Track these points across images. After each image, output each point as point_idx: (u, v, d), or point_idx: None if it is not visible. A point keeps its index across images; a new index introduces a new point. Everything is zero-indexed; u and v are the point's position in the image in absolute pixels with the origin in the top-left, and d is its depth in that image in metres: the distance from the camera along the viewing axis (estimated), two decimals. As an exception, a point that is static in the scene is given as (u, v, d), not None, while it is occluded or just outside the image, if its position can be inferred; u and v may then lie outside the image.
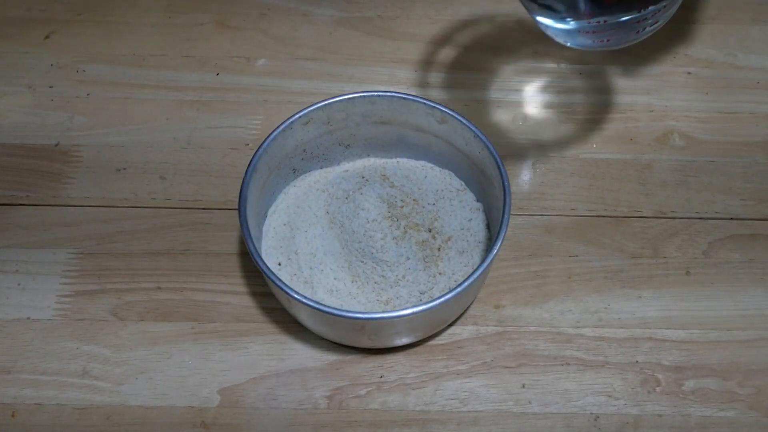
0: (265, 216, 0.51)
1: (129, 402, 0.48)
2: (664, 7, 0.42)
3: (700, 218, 0.54)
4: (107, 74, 0.61)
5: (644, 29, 0.43)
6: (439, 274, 0.49)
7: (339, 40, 0.63)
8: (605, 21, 0.42)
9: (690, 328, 0.50)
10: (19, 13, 0.64)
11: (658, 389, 0.48)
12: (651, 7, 0.41)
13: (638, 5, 0.41)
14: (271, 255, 0.50)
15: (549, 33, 0.45)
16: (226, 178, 0.56)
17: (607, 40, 0.44)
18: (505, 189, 0.46)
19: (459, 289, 0.43)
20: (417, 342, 0.49)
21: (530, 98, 0.60)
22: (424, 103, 0.49)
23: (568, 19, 0.43)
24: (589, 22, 0.42)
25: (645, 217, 0.54)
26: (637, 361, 0.49)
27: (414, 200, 0.51)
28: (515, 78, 0.61)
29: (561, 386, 0.48)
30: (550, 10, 0.43)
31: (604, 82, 0.60)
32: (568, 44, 0.45)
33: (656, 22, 0.44)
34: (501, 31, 0.63)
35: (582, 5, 0.41)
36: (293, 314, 0.48)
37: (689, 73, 0.61)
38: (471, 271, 0.44)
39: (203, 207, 0.55)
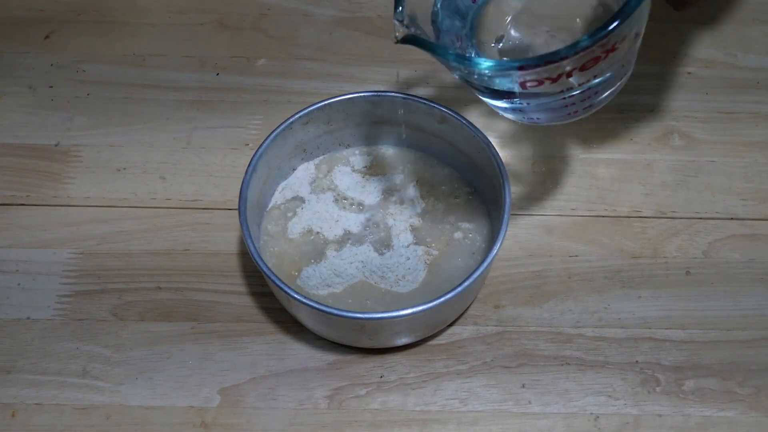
0: (265, 216, 0.51)
1: (129, 402, 0.48)
2: (595, 92, 0.41)
3: (700, 218, 0.54)
4: (107, 74, 0.61)
5: (576, 111, 0.43)
6: (440, 274, 0.49)
7: (339, 40, 0.63)
8: (528, 103, 0.42)
9: (690, 328, 0.50)
10: (19, 13, 0.64)
11: (658, 389, 0.48)
12: (575, 92, 0.40)
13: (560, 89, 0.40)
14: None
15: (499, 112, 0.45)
16: (226, 178, 0.56)
17: (537, 119, 0.44)
18: (505, 189, 0.46)
19: (459, 289, 0.43)
20: (417, 342, 0.49)
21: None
22: (424, 103, 0.49)
23: (498, 99, 0.42)
24: (513, 102, 0.42)
25: (645, 217, 0.54)
26: (637, 361, 0.49)
27: (414, 200, 0.51)
28: (515, 78, 0.60)
29: (561, 386, 0.48)
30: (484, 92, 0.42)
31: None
32: (517, 120, 0.45)
33: (589, 107, 0.43)
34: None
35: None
36: (293, 314, 0.48)
37: (689, 73, 0.61)
38: (471, 271, 0.44)
39: (203, 207, 0.55)
